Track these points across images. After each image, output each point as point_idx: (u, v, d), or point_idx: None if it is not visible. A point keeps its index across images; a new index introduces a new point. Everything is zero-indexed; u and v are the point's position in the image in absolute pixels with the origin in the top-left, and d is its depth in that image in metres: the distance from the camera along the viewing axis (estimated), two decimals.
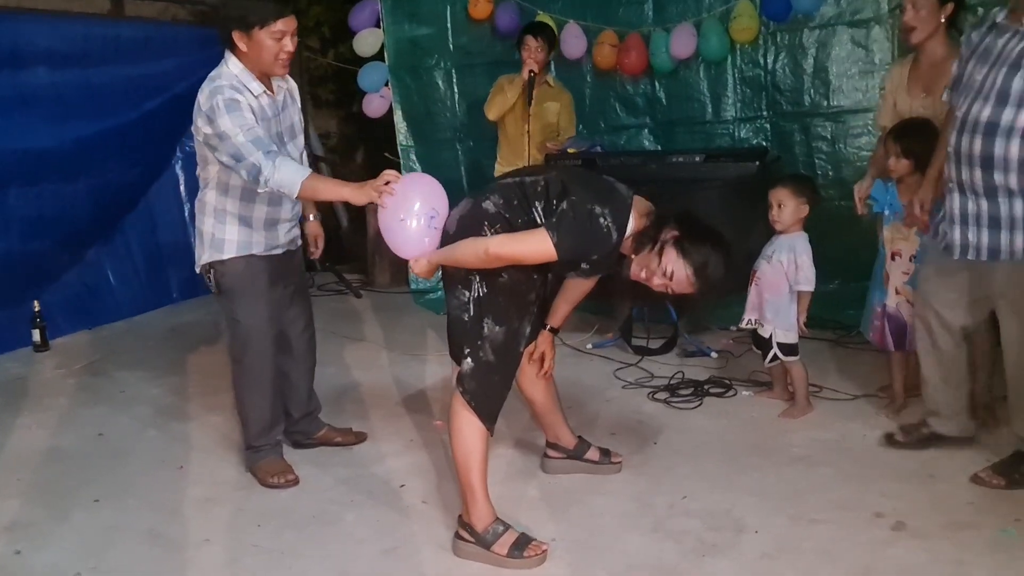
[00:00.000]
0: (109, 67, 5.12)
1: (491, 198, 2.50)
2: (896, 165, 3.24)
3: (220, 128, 2.72)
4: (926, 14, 3.18)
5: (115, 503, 3.04)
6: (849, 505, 2.78)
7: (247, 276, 3.02)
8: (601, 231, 2.35)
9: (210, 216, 2.99)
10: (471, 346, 2.53)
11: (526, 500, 2.93)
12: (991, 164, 2.61)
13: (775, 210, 3.45)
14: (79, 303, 5.26)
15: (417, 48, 5.64)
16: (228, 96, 2.74)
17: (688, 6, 4.97)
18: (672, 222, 2.39)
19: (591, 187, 2.46)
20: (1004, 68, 2.59)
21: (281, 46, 2.80)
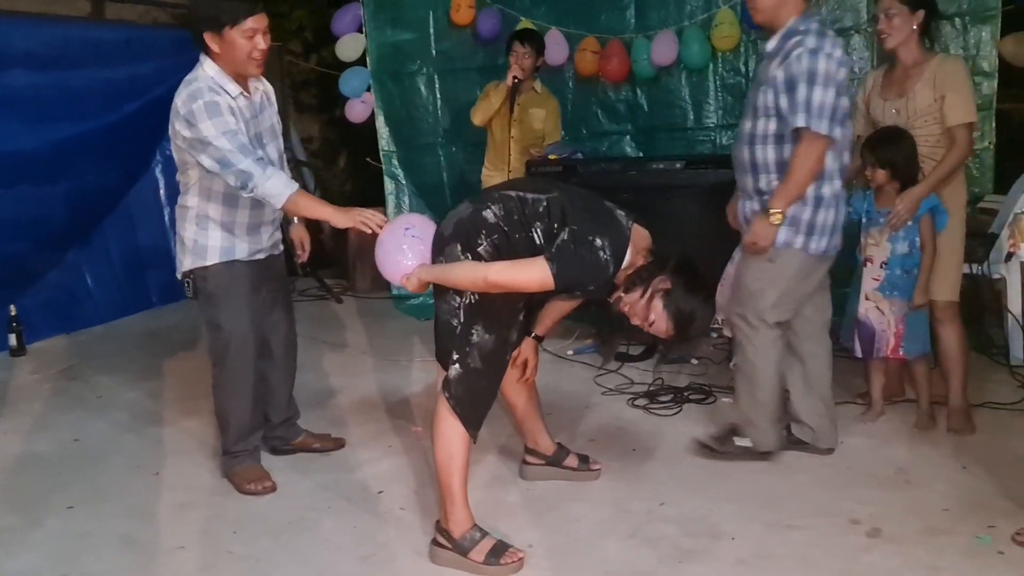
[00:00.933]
0: (89, 69, 5.08)
1: (492, 208, 2.49)
2: (873, 175, 3.26)
3: (202, 133, 2.70)
4: (899, 22, 3.25)
5: (89, 509, 3.01)
6: (825, 511, 2.79)
7: (229, 282, 2.99)
8: (599, 263, 2.35)
9: (191, 222, 2.96)
10: (459, 352, 2.52)
11: (504, 507, 2.93)
12: (756, 169, 2.98)
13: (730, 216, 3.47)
14: (57, 307, 5.21)
15: (399, 53, 5.64)
16: (208, 99, 2.72)
17: (669, 14, 5.00)
18: (667, 271, 2.40)
19: (592, 214, 2.45)
20: (756, 86, 3.03)
21: (254, 44, 2.78)
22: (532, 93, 4.74)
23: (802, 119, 2.82)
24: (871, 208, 3.35)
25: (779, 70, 2.86)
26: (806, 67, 2.81)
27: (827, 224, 2.97)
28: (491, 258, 2.45)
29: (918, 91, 3.26)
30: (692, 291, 2.40)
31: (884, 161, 3.22)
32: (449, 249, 2.48)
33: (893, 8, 3.25)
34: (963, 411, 3.39)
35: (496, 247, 2.45)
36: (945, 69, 3.24)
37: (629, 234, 2.42)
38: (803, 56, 2.80)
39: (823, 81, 2.80)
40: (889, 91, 3.37)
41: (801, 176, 2.86)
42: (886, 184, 3.26)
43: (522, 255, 2.43)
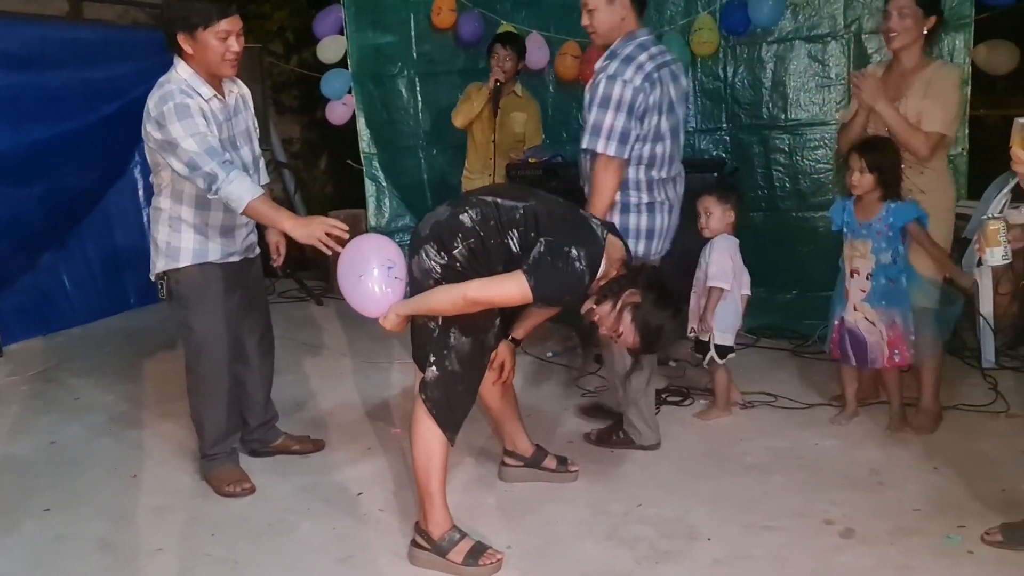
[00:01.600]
0: (66, 70, 5.05)
1: (469, 212, 2.50)
2: (860, 180, 3.25)
3: (171, 135, 2.69)
4: (911, 23, 3.22)
5: (66, 512, 3.00)
6: (800, 512, 2.83)
7: (202, 284, 2.98)
8: (576, 273, 2.38)
9: (164, 224, 2.96)
10: (437, 355, 2.53)
11: (483, 508, 2.94)
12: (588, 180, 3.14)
13: (703, 218, 3.53)
14: (33, 309, 5.17)
15: (380, 55, 5.65)
16: (178, 101, 2.71)
17: (649, 19, 4.97)
18: (637, 284, 2.43)
19: (567, 223, 2.47)
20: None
21: (227, 46, 2.77)
22: (513, 96, 4.75)
23: (590, 141, 2.99)
24: (851, 219, 3.37)
25: (588, 91, 3.04)
26: (602, 92, 2.95)
27: (654, 229, 3.16)
28: (466, 261, 2.47)
29: (912, 96, 3.25)
30: (660, 306, 2.43)
31: (873, 165, 3.22)
32: (425, 248, 2.50)
33: (907, 8, 3.21)
34: (933, 413, 3.44)
35: (472, 251, 2.47)
36: (939, 75, 3.24)
37: (604, 244, 2.45)
38: (602, 82, 2.96)
39: (615, 106, 2.94)
40: (886, 90, 3.33)
41: (601, 194, 3.02)
42: (871, 191, 3.26)
43: (496, 261, 2.46)
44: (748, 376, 3.96)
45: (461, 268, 2.47)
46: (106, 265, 5.62)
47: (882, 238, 3.27)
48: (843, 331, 3.43)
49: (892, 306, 3.31)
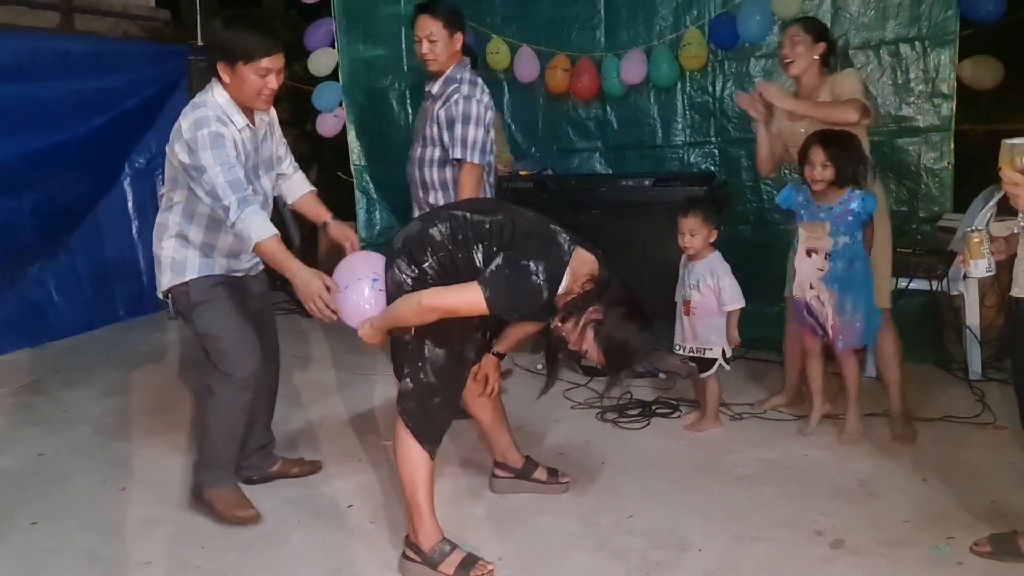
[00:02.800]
0: (57, 82, 5.05)
1: (439, 226, 2.52)
2: (822, 174, 3.29)
3: (200, 162, 2.64)
4: (803, 50, 3.51)
5: (54, 525, 2.98)
6: (790, 523, 2.84)
7: (211, 291, 2.89)
8: (532, 288, 2.37)
9: (170, 239, 2.88)
10: (411, 367, 2.55)
11: (473, 520, 2.94)
12: (426, 187, 3.62)
13: (687, 238, 3.54)
14: (21, 320, 5.13)
15: (371, 68, 5.67)
16: (214, 130, 2.66)
17: (639, 33, 5.07)
18: (601, 300, 2.38)
19: (532, 238, 2.46)
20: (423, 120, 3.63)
21: (265, 83, 2.72)
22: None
23: (460, 152, 3.45)
24: (809, 202, 3.43)
25: (443, 110, 3.47)
26: (462, 110, 3.43)
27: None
28: (436, 274, 2.49)
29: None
30: (625, 321, 2.39)
31: (833, 158, 3.26)
32: (397, 262, 2.53)
33: (798, 36, 3.51)
34: (905, 417, 3.51)
35: (442, 264, 2.49)
36: (839, 80, 3.49)
37: (568, 259, 2.42)
38: (459, 101, 3.44)
39: (475, 121, 3.44)
40: (794, 114, 3.56)
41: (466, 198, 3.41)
42: (831, 182, 3.31)
43: (464, 275, 2.46)
44: (737, 387, 3.97)
45: (432, 281, 2.48)
46: (95, 276, 5.59)
47: (841, 222, 3.34)
48: (799, 305, 3.48)
49: (844, 291, 3.37)
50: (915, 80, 4.51)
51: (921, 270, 4.05)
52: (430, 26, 3.50)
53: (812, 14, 4.62)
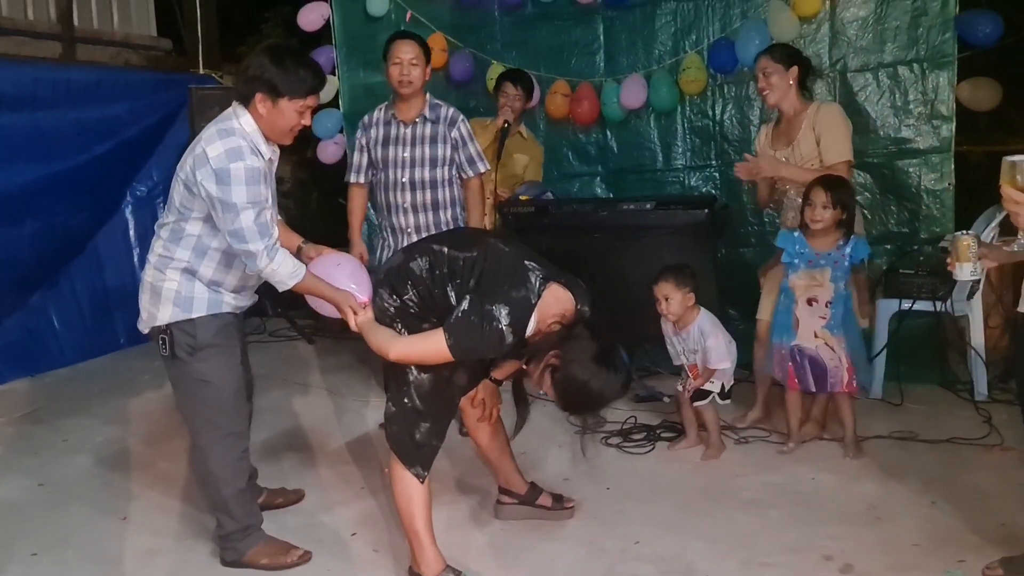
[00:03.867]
0: (58, 110, 5.07)
1: (419, 260, 2.54)
2: (823, 215, 3.38)
3: (232, 198, 2.51)
4: (776, 80, 3.59)
5: (54, 556, 2.95)
6: (798, 548, 2.80)
7: (220, 333, 2.73)
8: (495, 334, 2.37)
9: (176, 272, 2.69)
10: (395, 391, 2.56)
11: (476, 546, 2.91)
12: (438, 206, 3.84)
13: (663, 304, 3.53)
14: (21, 349, 5.11)
15: (372, 95, 5.66)
16: (249, 164, 2.54)
17: (638, 58, 5.09)
18: (563, 344, 2.36)
19: (501, 278, 2.44)
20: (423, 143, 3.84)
21: (300, 120, 2.66)
22: (519, 137, 4.69)
23: (483, 166, 3.85)
24: (807, 249, 3.47)
25: (455, 130, 3.78)
26: (468, 129, 3.81)
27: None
28: (416, 306, 2.51)
29: (802, 138, 3.60)
30: (587, 365, 2.34)
31: (837, 202, 3.37)
32: (380, 291, 2.56)
33: (769, 67, 3.59)
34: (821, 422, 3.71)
35: (421, 297, 2.51)
36: (821, 113, 3.59)
37: (536, 301, 2.40)
38: (464, 122, 3.81)
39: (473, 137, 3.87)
40: (779, 141, 3.69)
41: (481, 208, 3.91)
42: (830, 225, 3.40)
43: (440, 310, 2.48)
44: (741, 411, 3.95)
45: (414, 310, 2.51)
46: (96, 305, 5.58)
47: (839, 267, 3.44)
48: (801, 358, 3.51)
49: (847, 334, 3.47)
50: (914, 102, 4.51)
51: (924, 291, 4.04)
52: (413, 51, 3.63)
53: (810, 38, 4.67)
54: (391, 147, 3.78)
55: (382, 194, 3.86)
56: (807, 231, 3.47)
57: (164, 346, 2.70)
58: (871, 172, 4.63)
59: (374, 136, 3.83)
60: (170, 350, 2.70)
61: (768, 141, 3.78)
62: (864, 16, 4.56)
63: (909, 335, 4.22)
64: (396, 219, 3.81)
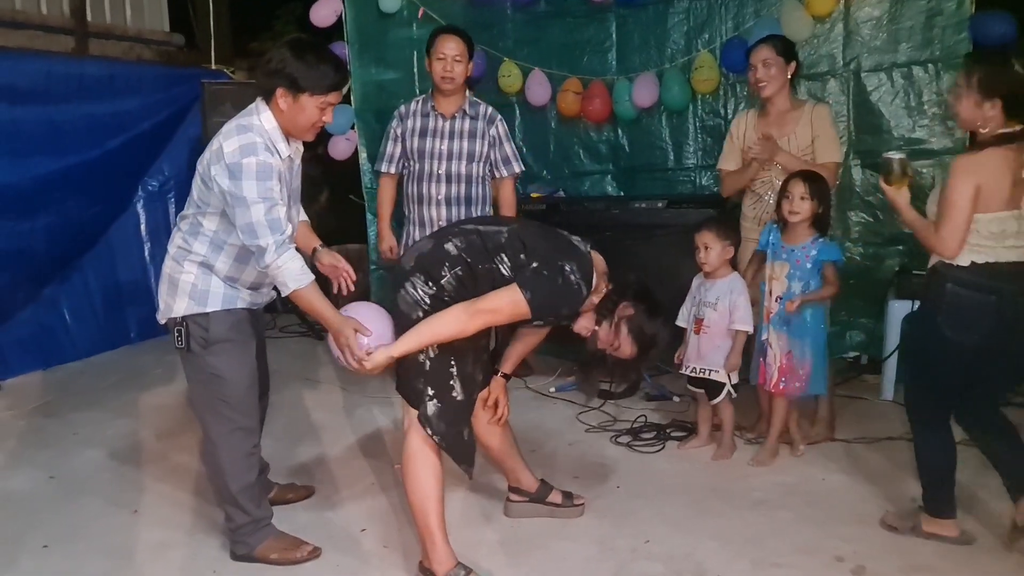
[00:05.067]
0: (72, 104, 5.08)
1: (453, 241, 2.53)
2: (801, 206, 3.38)
3: (243, 192, 2.49)
4: (775, 71, 3.64)
5: (65, 548, 2.95)
6: (810, 549, 2.80)
7: (234, 328, 2.73)
8: (572, 287, 2.42)
9: (192, 265, 2.69)
10: (437, 387, 2.52)
11: (486, 544, 2.91)
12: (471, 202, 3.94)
13: (702, 252, 3.54)
14: (33, 342, 5.13)
15: (383, 92, 5.68)
16: (262, 159, 2.51)
17: (651, 56, 5.09)
18: (628, 296, 2.56)
19: (553, 242, 2.53)
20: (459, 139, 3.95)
21: (322, 116, 2.63)
22: None
23: (518, 166, 3.94)
24: (777, 241, 3.49)
25: (493, 128, 3.86)
26: (506, 129, 3.93)
27: None
28: (454, 289, 2.48)
29: (799, 132, 3.66)
30: (653, 315, 2.58)
31: (814, 194, 3.38)
32: (412, 280, 2.51)
33: (770, 59, 3.63)
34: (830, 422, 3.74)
35: (459, 278, 2.49)
36: (818, 113, 3.69)
37: (591, 257, 2.52)
38: (502, 122, 3.93)
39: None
40: (766, 131, 3.70)
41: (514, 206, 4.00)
42: (806, 219, 3.40)
43: (484, 285, 2.46)
44: (752, 411, 3.93)
45: (448, 298, 2.48)
46: (107, 299, 5.60)
47: (800, 267, 3.42)
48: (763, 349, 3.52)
49: (793, 336, 3.44)
50: (928, 103, 4.50)
51: None
52: (458, 47, 3.65)
53: (823, 37, 4.66)
54: (428, 139, 3.80)
55: (415, 185, 3.86)
56: (784, 226, 3.47)
57: (179, 338, 2.71)
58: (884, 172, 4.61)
59: (411, 127, 3.84)
60: (185, 342, 2.70)
61: (754, 130, 3.77)
62: (878, 16, 4.54)
63: None
64: (428, 211, 3.81)
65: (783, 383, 3.44)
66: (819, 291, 3.42)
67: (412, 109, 3.89)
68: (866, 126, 4.63)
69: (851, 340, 4.72)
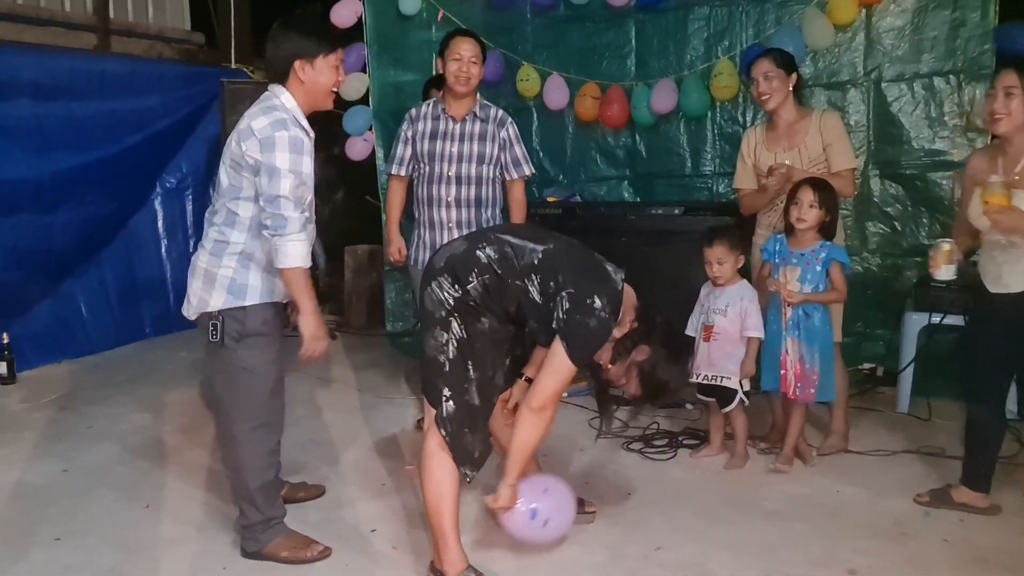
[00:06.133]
0: (92, 101, 5.13)
1: (487, 249, 2.52)
2: (809, 214, 3.38)
3: (276, 163, 2.54)
4: (778, 84, 3.62)
5: (76, 541, 2.96)
6: (823, 561, 2.77)
7: (270, 322, 2.75)
8: (602, 325, 2.43)
9: (231, 258, 2.69)
10: (453, 388, 2.52)
11: (499, 549, 2.89)
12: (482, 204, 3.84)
13: (715, 267, 3.53)
14: (50, 336, 5.17)
15: (401, 93, 5.69)
16: (293, 133, 2.59)
17: (670, 63, 5.07)
18: (649, 340, 2.54)
19: (586, 270, 2.51)
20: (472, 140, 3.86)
21: (339, 75, 2.74)
22: None
23: (528, 169, 3.88)
24: (784, 248, 3.49)
25: (504, 130, 3.82)
26: (517, 131, 3.88)
27: None
28: (479, 296, 2.48)
29: (809, 142, 3.62)
30: (670, 362, 2.56)
31: (823, 203, 3.39)
32: (439, 280, 2.51)
33: (772, 72, 3.61)
34: (842, 434, 3.70)
35: (486, 287, 2.48)
36: (827, 121, 3.65)
37: (622, 288, 2.49)
38: (512, 124, 3.87)
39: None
40: (776, 144, 3.69)
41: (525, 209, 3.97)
42: (814, 226, 3.41)
43: (510, 300, 2.48)
44: (764, 421, 3.91)
45: (474, 303, 2.47)
46: (124, 294, 5.64)
47: (810, 270, 3.42)
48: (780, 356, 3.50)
49: (805, 341, 3.43)
50: (949, 114, 4.47)
51: (956, 306, 3.97)
52: (473, 49, 3.66)
53: (845, 46, 4.64)
54: (439, 141, 3.80)
55: (425, 187, 3.86)
56: (790, 232, 3.47)
57: (214, 332, 2.70)
58: (903, 183, 4.60)
59: (421, 129, 3.85)
60: (220, 337, 2.70)
61: (763, 144, 3.76)
62: (901, 26, 4.52)
63: (937, 350, 4.17)
64: (438, 213, 3.80)
65: (799, 389, 3.43)
66: (825, 293, 3.42)
67: (423, 112, 3.90)
68: (886, 136, 4.61)
69: (867, 351, 4.68)
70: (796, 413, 3.50)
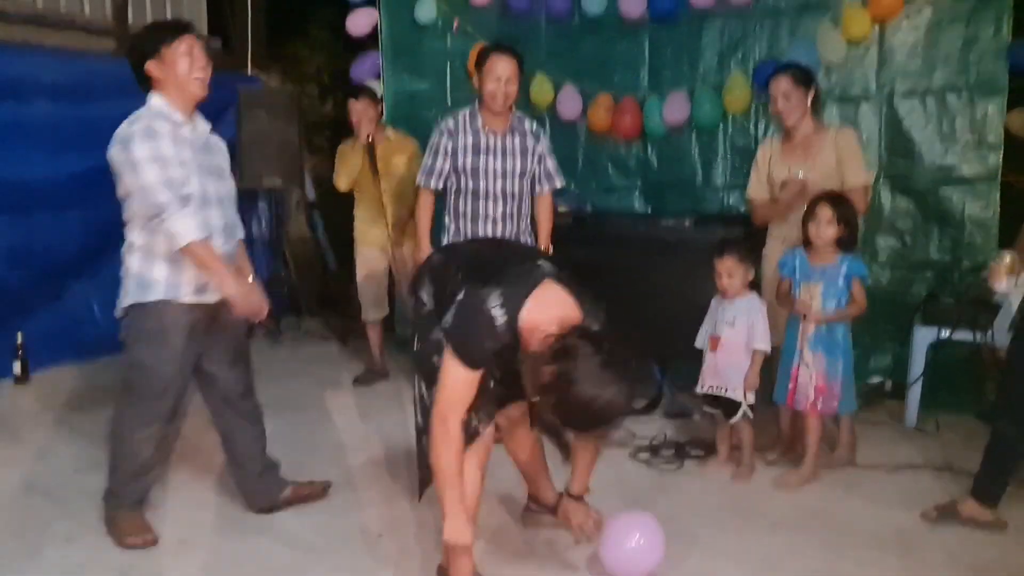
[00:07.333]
0: (109, 103, 5.14)
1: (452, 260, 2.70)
2: (827, 231, 3.40)
3: (134, 155, 2.69)
4: (796, 101, 3.67)
5: (88, 541, 3.00)
6: (828, 573, 2.78)
7: (168, 323, 2.83)
8: (484, 315, 2.28)
9: (136, 255, 2.85)
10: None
11: (508, 555, 2.91)
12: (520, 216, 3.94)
13: (725, 279, 3.54)
14: (63, 336, 5.22)
15: (415, 101, 5.74)
16: (145, 124, 2.74)
17: (683, 74, 5.09)
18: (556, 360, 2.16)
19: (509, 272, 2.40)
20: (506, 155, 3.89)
21: (193, 60, 2.83)
22: (387, 142, 4.90)
23: (560, 181, 3.96)
24: (805, 264, 3.49)
25: (539, 145, 3.87)
26: (548, 143, 3.94)
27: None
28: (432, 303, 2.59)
29: (824, 156, 3.66)
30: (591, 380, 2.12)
31: (841, 218, 3.40)
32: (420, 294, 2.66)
33: (789, 90, 3.66)
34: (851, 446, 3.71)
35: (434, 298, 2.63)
36: (842, 137, 3.70)
37: (533, 287, 2.31)
38: (545, 136, 3.95)
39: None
40: (791, 157, 3.73)
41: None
42: (832, 241, 3.42)
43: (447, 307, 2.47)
44: (770, 433, 3.91)
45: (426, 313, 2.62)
46: None
47: (832, 284, 3.43)
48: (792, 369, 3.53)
49: (827, 354, 3.44)
50: (961, 129, 4.47)
51: (965, 321, 3.98)
52: (511, 68, 3.72)
53: (858, 61, 4.64)
54: (482, 156, 3.78)
55: (468, 203, 3.82)
56: (808, 247, 3.48)
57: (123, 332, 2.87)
58: (914, 198, 4.60)
59: (462, 143, 3.80)
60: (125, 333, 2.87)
61: (778, 156, 3.79)
62: (914, 41, 4.52)
63: (947, 364, 4.17)
64: (483, 228, 3.79)
65: (820, 403, 3.44)
66: (847, 309, 3.44)
67: (461, 125, 3.81)
68: (898, 151, 4.61)
69: (875, 364, 4.69)
70: (813, 425, 3.49)
